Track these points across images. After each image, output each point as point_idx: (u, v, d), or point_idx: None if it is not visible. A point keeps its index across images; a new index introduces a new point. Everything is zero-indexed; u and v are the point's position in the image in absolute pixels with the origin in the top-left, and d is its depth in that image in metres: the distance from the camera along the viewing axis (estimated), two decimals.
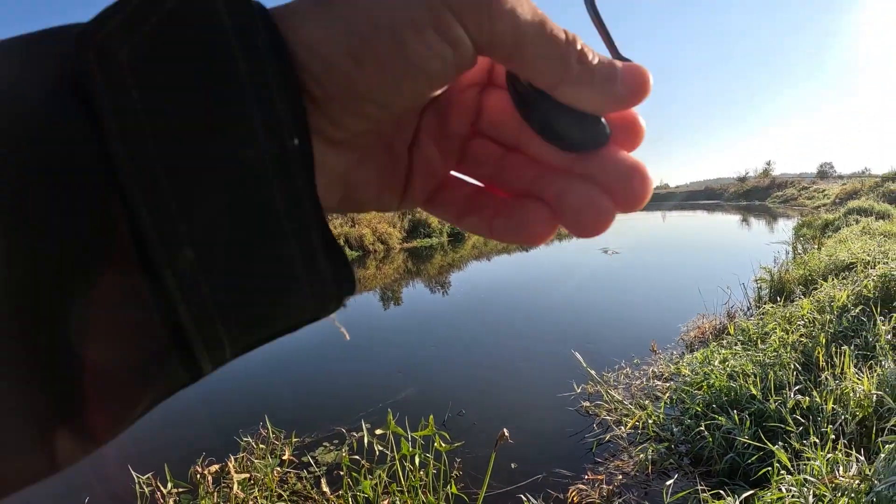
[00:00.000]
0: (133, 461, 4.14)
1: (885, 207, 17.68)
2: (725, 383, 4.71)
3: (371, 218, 24.44)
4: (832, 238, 12.88)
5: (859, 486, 2.70)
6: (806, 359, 5.00)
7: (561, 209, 0.33)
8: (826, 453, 3.21)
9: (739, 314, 7.84)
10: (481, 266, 18.67)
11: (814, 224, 18.13)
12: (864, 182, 33.60)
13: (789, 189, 56.51)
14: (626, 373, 6.15)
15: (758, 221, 32.48)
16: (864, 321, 5.51)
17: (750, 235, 22.66)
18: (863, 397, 3.98)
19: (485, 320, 10.27)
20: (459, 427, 5.25)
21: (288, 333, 0.31)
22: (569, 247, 22.57)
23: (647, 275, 14.28)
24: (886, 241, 10.65)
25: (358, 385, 6.83)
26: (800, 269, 8.86)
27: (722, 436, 4.15)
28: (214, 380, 7.44)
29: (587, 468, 4.38)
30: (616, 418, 5.08)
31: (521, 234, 0.35)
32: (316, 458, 4.78)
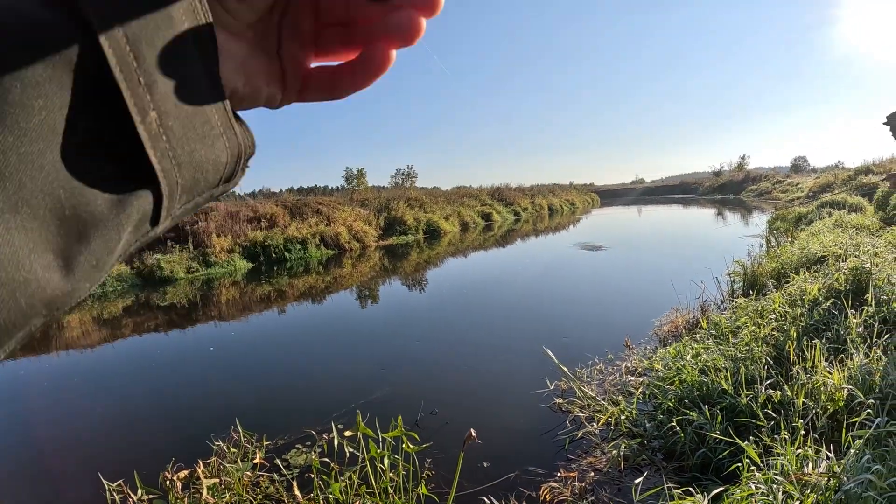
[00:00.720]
0: (104, 468, 4.06)
1: (857, 200, 17.86)
2: (697, 378, 4.70)
3: (346, 216, 24.38)
4: (805, 231, 13.00)
5: (828, 483, 2.68)
6: (777, 352, 5.00)
7: (387, 31, 0.43)
8: (796, 448, 3.19)
9: (713, 308, 7.85)
10: (456, 263, 18.65)
11: (787, 217, 18.29)
12: (837, 175, 34.00)
13: (764, 183, 57.05)
14: (599, 368, 6.13)
15: (732, 215, 32.78)
16: (835, 314, 5.53)
17: (724, 229, 22.82)
18: (834, 391, 3.98)
19: (459, 318, 10.24)
20: (432, 426, 5.20)
21: (219, 186, 0.40)
22: (545, 244, 22.62)
23: (622, 270, 14.33)
24: (858, 233, 10.77)
25: (331, 386, 6.77)
26: (772, 263, 8.91)
27: (694, 431, 4.13)
28: (186, 385, 7.35)
29: (560, 465, 4.35)
30: (589, 414, 5.05)
31: (372, 68, 0.45)
32: (288, 460, 4.71)
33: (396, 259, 20.33)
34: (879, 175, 24.78)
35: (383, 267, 18.56)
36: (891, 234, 10.90)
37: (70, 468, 5.15)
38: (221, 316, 12.17)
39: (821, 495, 2.64)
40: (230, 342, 9.75)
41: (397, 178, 47.69)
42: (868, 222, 13.00)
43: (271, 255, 20.60)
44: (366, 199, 30.09)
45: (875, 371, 4.15)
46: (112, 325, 12.06)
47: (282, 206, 24.09)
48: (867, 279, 6.23)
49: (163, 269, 17.66)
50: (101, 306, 14.33)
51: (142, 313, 13.31)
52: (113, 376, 8.15)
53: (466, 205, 36.00)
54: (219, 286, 16.36)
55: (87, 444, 5.68)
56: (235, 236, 20.72)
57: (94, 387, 7.72)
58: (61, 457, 5.43)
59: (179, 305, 13.75)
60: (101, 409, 6.74)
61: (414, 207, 30.00)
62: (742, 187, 61.54)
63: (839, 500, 2.56)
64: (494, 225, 34.76)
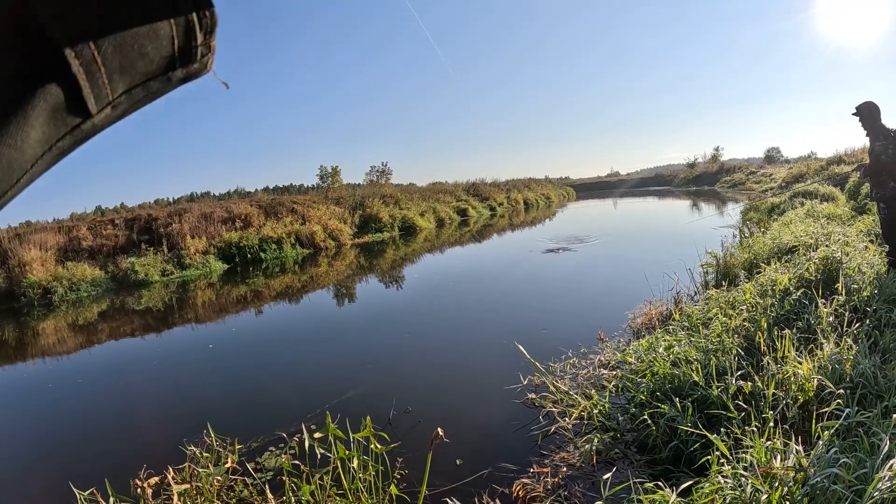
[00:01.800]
0: (75, 476, 3.98)
1: (829, 190, 18.03)
2: (669, 370, 4.69)
3: (321, 215, 24.31)
4: (778, 221, 13.10)
5: (795, 476, 2.66)
6: (748, 343, 5.00)
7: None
8: (766, 440, 3.18)
9: (686, 299, 7.88)
10: (431, 259, 18.64)
11: (760, 208, 18.46)
12: (809, 165, 34.26)
13: (737, 174, 57.45)
14: (572, 362, 6.11)
15: (707, 206, 33.03)
16: (805, 304, 5.55)
17: (699, 220, 23.00)
18: (804, 381, 3.98)
19: (433, 315, 10.21)
20: (405, 425, 5.16)
21: (177, 69, 0.34)
22: (519, 238, 22.68)
23: (595, 263, 14.38)
24: (830, 223, 10.86)
25: (305, 386, 6.71)
26: (745, 254, 8.96)
27: (666, 424, 4.11)
28: (159, 389, 7.26)
29: (533, 461, 4.32)
30: (562, 409, 5.03)
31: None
32: (262, 463, 4.66)
33: (372, 256, 20.28)
34: (851, 165, 25.07)
35: (359, 265, 18.50)
36: (862, 223, 11.02)
37: (39, 477, 5.06)
38: (197, 318, 12.05)
39: (788, 489, 2.62)
40: (204, 345, 9.65)
41: (372, 175, 47.44)
42: (840, 211, 13.12)
43: (247, 256, 20.50)
44: (341, 197, 30.01)
45: (845, 360, 4.17)
46: (85, 331, 11.89)
47: (256, 206, 23.99)
48: (837, 269, 6.27)
49: (137, 273, 17.51)
50: (76, 311, 14.16)
51: (116, 318, 13.16)
52: (85, 382, 8.03)
53: (442, 200, 36.04)
54: (194, 288, 16.23)
55: (57, 452, 5.58)
56: (210, 237, 20.59)
57: (66, 393, 7.59)
58: (31, 466, 5.33)
59: (154, 309, 13.61)
60: (73, 416, 6.63)
61: (389, 204, 29.98)
62: (716, 178, 61.96)
63: (806, 494, 2.55)
64: (470, 220, 34.79)
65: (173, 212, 22.18)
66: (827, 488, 2.51)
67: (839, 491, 2.48)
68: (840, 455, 2.75)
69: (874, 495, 2.40)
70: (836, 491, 2.48)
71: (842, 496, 2.45)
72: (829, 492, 2.50)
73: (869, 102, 6.53)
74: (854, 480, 2.54)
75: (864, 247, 7.88)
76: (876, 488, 2.42)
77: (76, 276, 16.73)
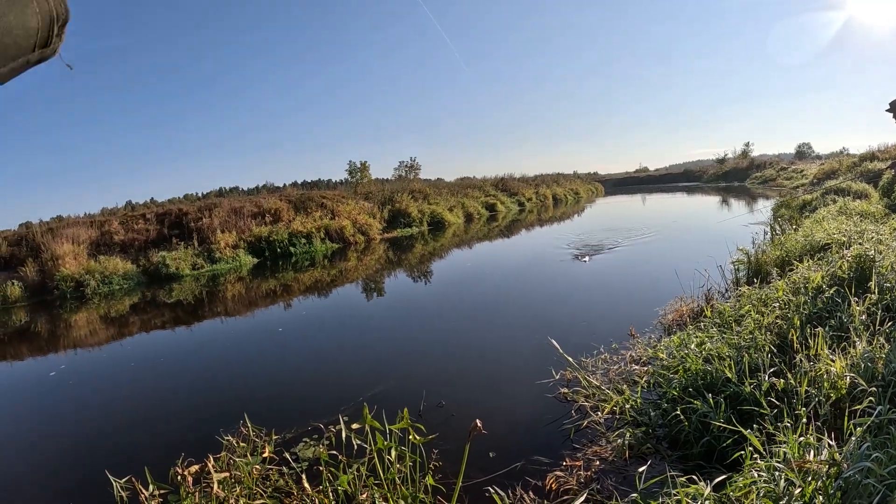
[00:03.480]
0: (113, 465, 4.09)
1: (862, 187, 17.76)
2: (701, 367, 4.72)
3: (350, 209, 24.44)
4: (810, 218, 12.95)
5: (829, 470, 2.71)
6: (781, 341, 5.00)
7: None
8: (798, 436, 3.22)
9: (717, 296, 7.86)
10: (461, 255, 18.66)
11: (792, 205, 18.23)
12: (841, 162, 33.71)
13: (768, 170, 56.67)
14: (604, 358, 6.16)
15: (737, 203, 32.66)
16: (838, 302, 5.53)
17: (729, 217, 22.75)
18: (836, 379, 3.99)
19: (464, 309, 10.25)
20: (438, 418, 5.24)
21: (35, 51, 0.39)
22: (548, 234, 22.60)
23: (625, 259, 14.28)
24: (862, 221, 10.72)
25: (337, 379, 6.81)
26: (776, 251, 8.89)
27: (698, 419, 4.15)
28: (194, 381, 7.40)
29: (565, 455, 4.38)
30: (594, 404, 5.09)
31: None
32: (297, 454, 4.77)
33: (401, 251, 20.36)
34: (885, 162, 24.64)
35: (388, 259, 18.59)
36: (895, 220, 10.87)
37: (79, 466, 5.21)
38: (228, 311, 12.22)
39: (821, 482, 2.66)
40: (236, 337, 9.81)
41: (401, 170, 47.52)
42: (873, 209, 12.94)
43: (276, 250, 20.68)
44: (370, 192, 30.18)
45: (878, 359, 4.16)
46: (119, 323, 12.13)
47: (286, 201, 24.17)
48: (871, 267, 6.22)
49: (168, 267, 17.77)
50: (108, 304, 14.42)
51: (148, 310, 13.39)
52: (121, 374, 8.21)
53: (470, 196, 36.04)
54: (224, 282, 16.44)
55: (95, 441, 5.73)
56: (240, 232, 20.81)
57: (103, 384, 7.78)
58: (69, 455, 5.48)
59: (185, 302, 13.83)
60: (111, 407, 6.80)
61: (418, 199, 30.05)
62: (746, 175, 61.16)
63: (839, 488, 2.59)
64: (499, 215, 34.75)
65: (203, 206, 22.44)
66: (860, 482, 2.55)
67: (871, 485, 2.52)
68: (872, 451, 2.78)
69: None
70: (869, 485, 2.52)
71: (874, 490, 2.49)
72: (862, 486, 2.54)
73: None
74: (886, 475, 2.58)
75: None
76: None
77: (108, 269, 17.06)
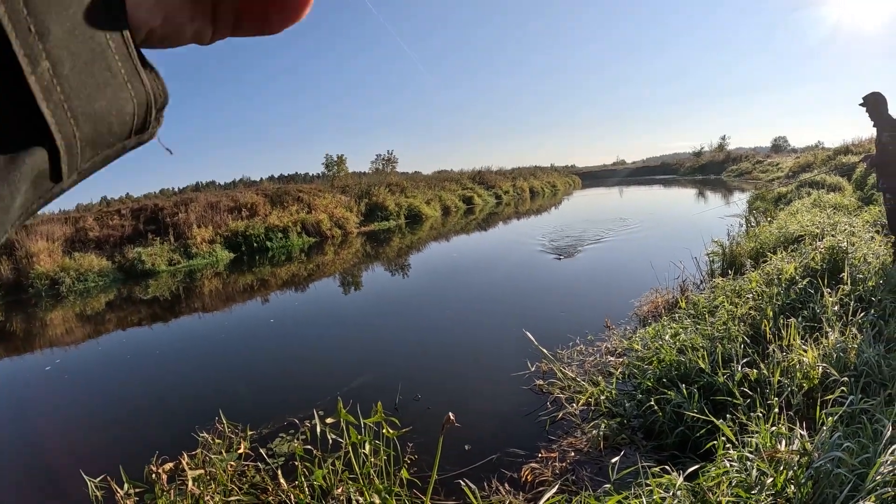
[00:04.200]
0: (87, 464, 4.03)
1: (836, 180, 17.95)
2: (675, 357, 4.74)
3: (327, 203, 24.31)
4: (784, 211, 13.08)
5: (800, 460, 2.72)
6: (754, 331, 5.05)
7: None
8: (771, 426, 3.24)
9: (692, 288, 7.91)
10: (438, 248, 18.66)
11: (767, 197, 18.40)
12: (816, 155, 34.04)
13: (744, 163, 57.10)
14: (579, 349, 6.17)
15: (713, 195, 32.92)
16: (811, 293, 5.59)
17: (705, 209, 22.93)
18: (809, 369, 4.03)
19: (440, 303, 10.26)
20: (414, 411, 5.22)
21: (131, 138, 0.39)
22: (525, 227, 22.68)
23: (602, 251, 14.33)
24: (836, 213, 10.85)
25: (314, 373, 6.78)
26: (751, 243, 8.98)
27: (672, 410, 4.17)
28: (170, 378, 7.33)
29: (541, 446, 4.38)
30: (569, 395, 5.09)
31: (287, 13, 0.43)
32: (273, 449, 4.73)
33: (378, 245, 20.31)
34: (859, 155, 24.91)
35: (365, 253, 18.54)
36: (868, 213, 11.01)
37: (53, 465, 5.13)
38: (204, 308, 12.11)
39: (793, 472, 2.68)
40: (213, 333, 9.72)
41: (378, 163, 47.45)
42: (846, 202, 13.10)
43: (253, 245, 20.53)
44: (346, 186, 29.97)
45: (850, 349, 4.22)
46: (93, 321, 11.97)
47: (262, 195, 23.99)
48: (843, 258, 6.30)
49: (144, 263, 17.58)
50: (84, 302, 14.23)
51: (124, 308, 13.24)
52: (95, 372, 8.12)
53: (448, 189, 35.98)
54: (201, 277, 16.30)
55: (69, 441, 5.65)
56: (216, 227, 20.62)
57: (77, 383, 7.68)
58: (43, 454, 5.40)
59: (162, 298, 13.69)
60: (85, 406, 6.71)
61: (395, 193, 29.93)
62: (723, 167, 61.61)
63: (810, 477, 2.60)
64: (476, 208, 34.75)
65: (179, 201, 22.18)
66: (830, 472, 2.57)
67: (842, 474, 2.53)
68: (844, 440, 2.80)
69: (876, 479, 2.46)
70: (840, 474, 2.54)
71: (844, 479, 2.51)
72: (833, 475, 2.55)
73: (875, 93, 6.54)
74: (857, 465, 2.59)
75: (871, 237, 7.89)
76: (878, 472, 2.48)
77: (83, 266, 16.79)
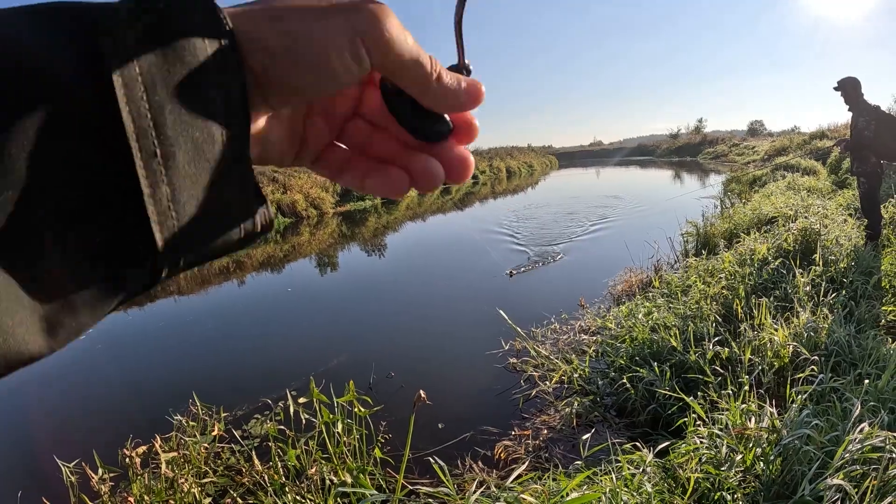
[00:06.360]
0: (62, 450, 3.96)
1: (811, 164, 18.14)
2: (648, 336, 4.77)
3: (303, 183, 24.06)
4: (759, 193, 13.19)
5: (768, 437, 2.74)
6: (726, 311, 5.09)
7: (412, 174, 0.46)
8: (741, 404, 3.26)
9: (666, 268, 7.94)
10: (414, 227, 18.67)
11: (742, 179, 18.56)
12: (792, 139, 34.38)
13: (720, 146, 57.57)
14: (553, 328, 6.17)
15: (689, 177, 33.15)
16: (783, 273, 5.64)
17: (681, 191, 23.07)
18: (779, 348, 4.07)
19: (415, 282, 10.23)
20: (388, 391, 5.20)
21: (223, 254, 0.38)
22: (501, 206, 22.70)
23: (577, 231, 14.34)
24: (810, 196, 10.96)
25: (289, 355, 6.71)
26: (725, 224, 9.04)
27: (644, 388, 4.19)
28: (141, 361, 7.23)
29: (514, 424, 4.38)
30: (542, 373, 5.10)
31: (385, 190, 0.47)
32: (249, 431, 4.69)
33: (354, 225, 20.18)
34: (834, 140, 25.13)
35: (341, 233, 18.40)
36: (842, 197, 11.14)
37: (25, 452, 5.06)
38: (179, 290, 11.96)
39: (762, 449, 2.70)
40: (184, 315, 9.62)
41: None
42: (821, 185, 13.25)
43: None
44: None
45: (821, 329, 4.26)
46: None
47: None
48: (816, 240, 6.36)
49: None
50: None
51: None
52: (64, 356, 7.98)
53: None
54: None
55: (40, 426, 5.58)
56: None
57: (49, 367, 7.55)
58: (13, 441, 5.33)
59: None
60: (55, 390, 6.61)
61: None
62: (699, 150, 62.03)
63: (779, 454, 2.62)
64: (452, 188, 34.65)
65: None
66: (799, 449, 2.59)
67: (811, 451, 2.55)
68: (813, 418, 2.83)
69: (844, 457, 2.48)
70: (808, 451, 2.56)
71: (813, 457, 2.53)
72: (802, 452, 2.57)
73: (851, 77, 6.59)
74: (826, 442, 2.62)
75: (843, 220, 7.98)
76: (846, 450, 2.50)
77: None
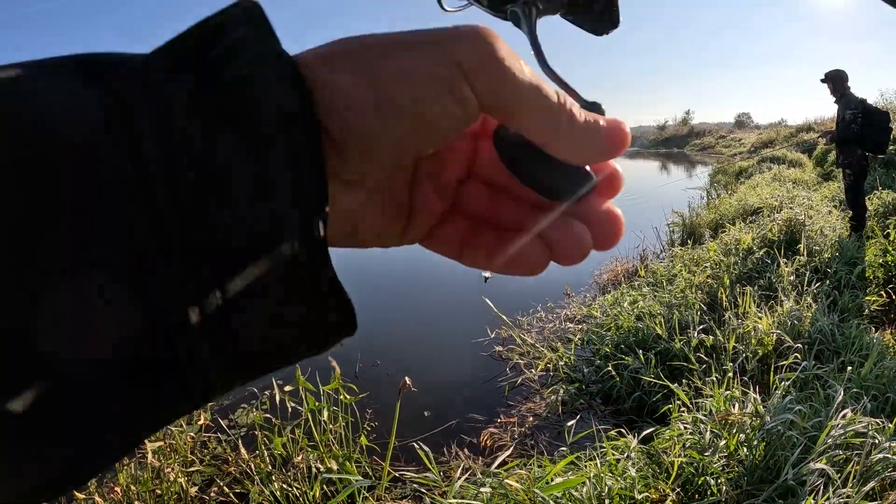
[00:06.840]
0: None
1: (797, 156, 18.24)
2: (634, 324, 4.79)
3: None
4: (745, 184, 13.25)
5: (752, 423, 2.76)
6: (711, 299, 5.12)
7: (551, 245, 0.37)
8: (725, 390, 3.28)
9: (651, 257, 7.99)
10: None
11: (729, 171, 18.64)
12: (779, 132, 34.48)
13: (707, 137, 57.63)
14: (539, 316, 6.19)
15: (676, 168, 33.27)
16: (768, 263, 5.68)
17: (668, 181, 23.17)
18: (763, 336, 4.10)
19: (401, 271, 10.20)
20: (374, 378, 5.18)
21: None
22: None
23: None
24: (795, 187, 11.03)
25: None
26: (711, 214, 9.09)
27: (629, 375, 4.21)
28: None
29: (500, 412, 4.39)
30: (528, 361, 5.10)
31: (519, 267, 0.38)
32: (235, 420, 4.67)
33: None
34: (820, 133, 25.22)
35: None
36: (827, 189, 11.21)
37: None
38: None
39: (745, 434, 2.72)
40: None
41: None
42: (806, 177, 13.33)
43: None
44: None
45: (804, 317, 4.30)
46: None
47: None
48: (800, 230, 6.41)
49: None
50: None
51: None
52: None
53: None
54: None
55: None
56: None
57: None
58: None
59: None
60: None
61: None
62: (686, 141, 62.15)
63: (763, 439, 2.64)
64: None
65: None
66: (783, 434, 2.61)
67: (794, 437, 2.57)
68: (796, 404, 2.85)
69: (827, 442, 2.50)
70: (791, 437, 2.58)
71: (796, 442, 2.55)
72: (785, 437, 2.59)
73: (837, 70, 6.62)
74: (809, 428, 2.64)
75: (828, 211, 8.04)
76: (829, 436, 2.53)
77: None
